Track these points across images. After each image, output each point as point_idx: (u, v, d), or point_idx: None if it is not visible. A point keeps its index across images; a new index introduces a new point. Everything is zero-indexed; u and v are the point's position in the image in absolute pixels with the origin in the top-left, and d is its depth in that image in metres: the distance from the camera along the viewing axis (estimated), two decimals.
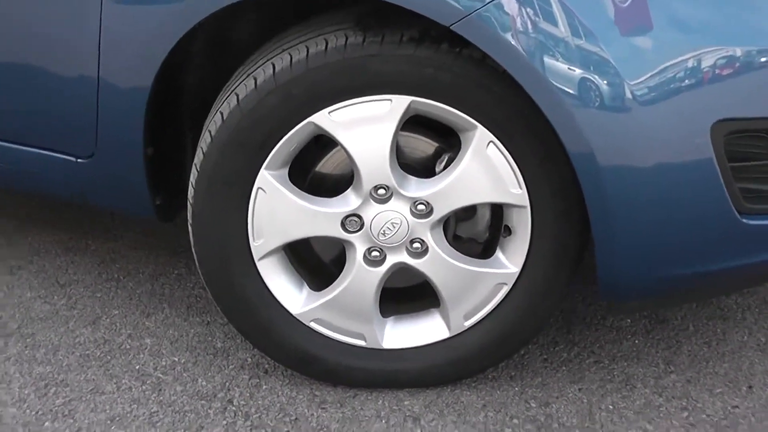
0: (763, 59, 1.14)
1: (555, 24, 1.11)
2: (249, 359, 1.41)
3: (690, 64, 1.13)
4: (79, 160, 1.42)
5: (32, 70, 1.37)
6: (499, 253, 1.30)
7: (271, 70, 1.19)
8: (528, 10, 1.10)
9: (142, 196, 1.40)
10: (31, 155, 1.45)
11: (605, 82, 1.12)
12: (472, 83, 1.18)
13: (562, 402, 1.33)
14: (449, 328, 1.34)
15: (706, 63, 1.13)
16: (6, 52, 1.38)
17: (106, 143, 1.36)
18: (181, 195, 1.41)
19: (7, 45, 1.38)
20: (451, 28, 1.11)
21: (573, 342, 1.48)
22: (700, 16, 1.16)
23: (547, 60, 1.11)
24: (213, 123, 1.24)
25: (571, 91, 1.12)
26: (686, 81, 1.13)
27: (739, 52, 1.13)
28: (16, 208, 1.91)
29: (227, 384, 1.35)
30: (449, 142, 1.27)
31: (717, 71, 1.14)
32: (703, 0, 1.16)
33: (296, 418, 1.28)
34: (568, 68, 1.11)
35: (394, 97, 1.18)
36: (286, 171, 1.26)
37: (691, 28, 1.16)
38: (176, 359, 1.41)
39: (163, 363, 1.39)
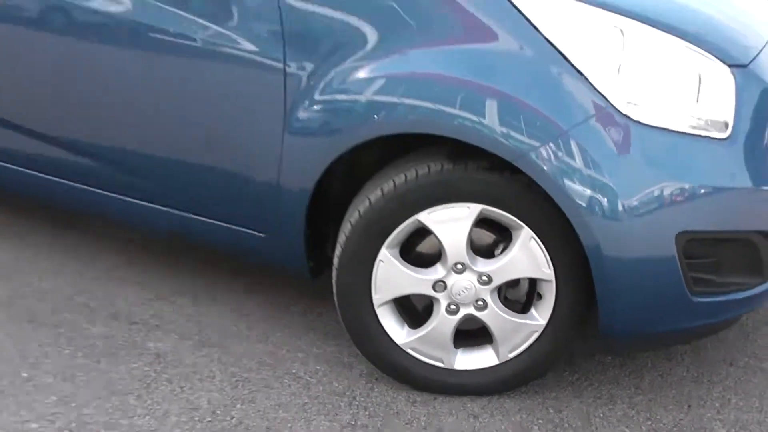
0: (702, 191, 1.77)
1: (574, 159, 1.74)
2: (366, 370, 2.08)
3: (661, 191, 1.77)
4: (262, 235, 2.14)
5: (239, 176, 2.07)
6: (533, 311, 1.93)
7: (392, 184, 1.88)
8: (559, 151, 1.75)
9: (301, 260, 2.11)
10: (229, 230, 2.18)
11: (606, 199, 1.76)
12: (522, 198, 1.81)
13: (569, 410, 1.98)
14: (498, 357, 1.97)
15: (670, 191, 1.77)
16: (224, 161, 2.10)
17: (282, 225, 2.06)
18: (326, 260, 2.12)
19: (226, 158, 2.09)
20: (511, 161, 1.76)
21: (575, 370, 2.14)
22: (662, 158, 1.75)
23: (569, 183, 1.73)
24: (352, 216, 1.93)
25: (584, 204, 1.74)
26: (660, 203, 1.77)
27: (687, 186, 1.76)
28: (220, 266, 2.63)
29: (352, 386, 2.02)
30: (504, 235, 1.90)
31: (678, 198, 1.78)
32: (666, 146, 1.74)
33: (397, 412, 1.94)
34: (583, 189, 1.75)
35: (471, 205, 1.82)
36: (398, 249, 1.92)
37: (660, 166, 1.77)
38: (318, 368, 2.09)
39: (310, 370, 2.08)
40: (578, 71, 1.74)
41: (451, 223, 1.85)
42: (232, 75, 2.00)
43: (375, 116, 1.83)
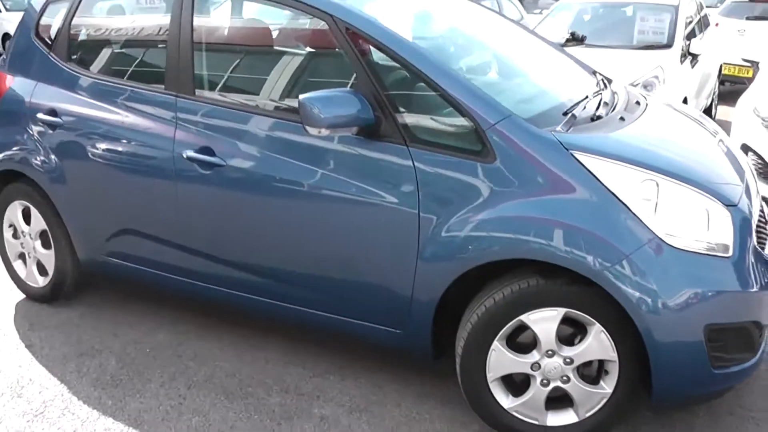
0: (718, 294, 2.53)
1: (634, 274, 2.46)
2: (479, 428, 2.84)
3: (692, 295, 2.53)
4: (396, 330, 2.92)
5: (381, 289, 2.85)
6: (602, 383, 2.68)
7: (502, 295, 2.65)
8: (623, 269, 2.45)
9: (426, 348, 2.89)
10: (368, 326, 2.96)
11: (656, 301, 2.48)
12: (595, 302, 2.56)
13: None
14: (578, 416, 2.72)
15: (697, 294, 2.52)
16: (369, 279, 2.88)
17: (413, 323, 2.85)
18: (447, 347, 2.89)
19: (372, 276, 2.87)
20: (591, 278, 2.52)
21: (627, 422, 2.89)
22: (690, 271, 2.54)
23: (631, 290, 2.45)
24: (472, 318, 2.70)
25: (642, 305, 2.46)
26: (691, 303, 2.54)
27: (708, 291, 2.53)
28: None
29: None
30: (579, 328, 2.66)
31: (703, 299, 2.53)
32: (691, 263, 2.56)
33: None
34: (640, 294, 2.46)
35: (559, 309, 2.59)
36: (505, 340, 2.70)
37: (689, 276, 2.52)
38: (442, 426, 2.87)
39: (436, 427, 2.85)
40: (632, 212, 2.53)
41: (544, 322, 2.63)
42: (377, 218, 2.80)
43: (470, 247, 2.62)
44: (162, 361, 3.37)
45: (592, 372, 2.74)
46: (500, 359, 2.70)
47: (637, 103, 3.33)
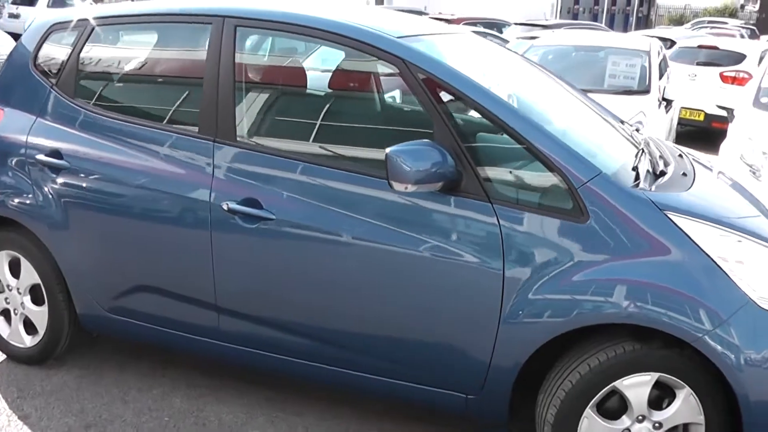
0: None
1: (732, 338, 2.37)
2: None
3: None
4: (468, 397, 2.74)
5: (456, 353, 2.67)
6: None
7: (597, 361, 2.51)
8: (723, 334, 2.37)
9: (501, 415, 2.72)
10: (434, 392, 2.76)
11: (753, 362, 2.42)
12: (689, 368, 2.47)
13: None
14: None
15: None
16: (444, 341, 2.69)
17: (489, 388, 2.69)
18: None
19: (447, 338, 2.68)
20: (690, 342, 2.44)
21: None
22: None
23: (729, 353, 2.38)
24: (565, 385, 2.54)
25: (740, 368, 2.38)
26: None
27: None
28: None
29: None
30: (667, 391, 2.56)
31: None
32: None
33: None
34: (737, 357, 2.38)
35: (652, 374, 2.48)
36: (595, 407, 2.57)
37: None
38: None
39: None
40: (727, 275, 2.47)
41: (637, 387, 2.52)
42: (455, 278, 2.63)
43: (562, 311, 2.50)
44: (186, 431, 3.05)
45: None
46: (592, 426, 2.56)
47: (680, 155, 3.32)
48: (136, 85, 3.31)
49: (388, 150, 2.50)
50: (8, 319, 3.56)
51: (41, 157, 3.24)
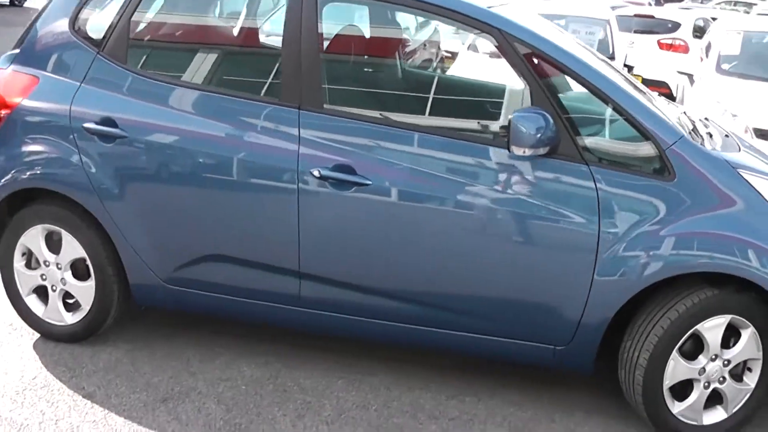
0: None
1: None
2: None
3: None
4: (557, 348, 2.95)
5: (549, 307, 2.86)
6: (745, 379, 2.95)
7: (684, 307, 2.77)
8: None
9: (589, 363, 2.95)
10: (524, 345, 2.95)
11: None
12: (755, 309, 2.81)
13: None
14: (726, 413, 2.96)
15: None
16: (540, 297, 2.87)
17: (579, 339, 2.91)
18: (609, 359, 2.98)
19: (543, 294, 2.86)
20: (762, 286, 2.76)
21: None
22: None
23: None
24: (656, 331, 2.77)
25: None
26: None
27: None
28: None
29: None
30: (734, 332, 2.87)
31: None
32: None
33: None
34: None
35: (726, 316, 2.79)
36: (678, 349, 2.85)
37: None
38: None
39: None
40: None
41: (714, 329, 2.83)
42: (553, 237, 2.81)
43: (651, 263, 2.76)
44: (271, 398, 3.08)
45: (738, 371, 2.98)
46: (677, 367, 2.85)
47: (706, 118, 3.65)
48: (198, 53, 3.20)
49: (512, 116, 2.63)
50: (42, 297, 3.38)
51: (91, 125, 3.09)
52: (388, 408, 3.05)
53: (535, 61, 2.85)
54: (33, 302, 3.39)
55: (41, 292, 3.38)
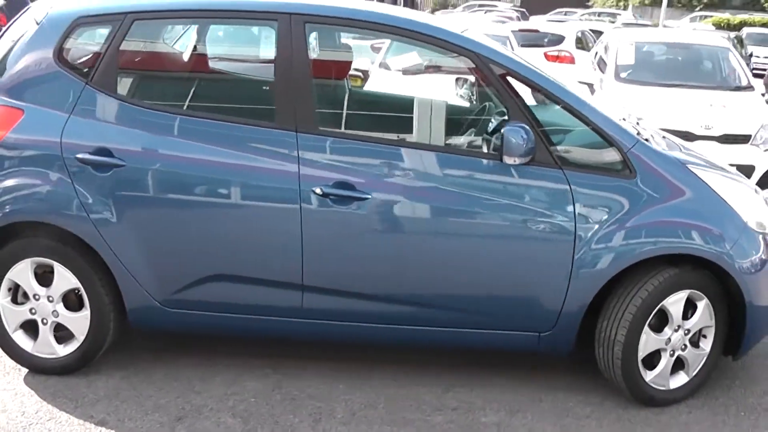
0: None
1: (744, 253, 3.27)
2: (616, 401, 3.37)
3: None
4: (541, 335, 3.27)
5: (532, 300, 3.19)
6: (701, 345, 3.39)
7: (652, 285, 3.17)
8: (733, 252, 3.17)
9: (568, 347, 3.29)
10: (507, 335, 3.27)
11: (752, 272, 3.31)
12: (708, 283, 3.23)
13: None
14: (688, 377, 3.39)
15: None
16: (523, 291, 3.20)
17: (560, 326, 3.23)
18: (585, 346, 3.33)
19: (526, 289, 3.19)
20: (714, 262, 3.19)
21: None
22: None
23: (740, 264, 3.20)
24: (631, 309, 3.15)
25: (742, 276, 3.26)
26: None
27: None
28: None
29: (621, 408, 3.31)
30: (690, 305, 3.31)
31: None
32: None
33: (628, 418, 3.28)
34: (740, 263, 3.24)
35: (686, 291, 3.20)
36: (648, 324, 3.23)
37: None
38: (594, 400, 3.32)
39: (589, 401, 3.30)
40: (731, 207, 3.26)
41: (677, 303, 3.25)
42: (536, 236, 3.14)
43: (621, 252, 3.15)
44: (282, 407, 3.21)
45: (695, 339, 3.42)
46: (648, 341, 3.25)
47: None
48: (190, 81, 3.31)
49: (504, 129, 2.94)
50: (30, 331, 3.35)
51: (85, 156, 3.12)
52: (394, 405, 3.26)
53: (510, 80, 3.19)
54: (20, 338, 3.35)
55: (29, 327, 3.35)
